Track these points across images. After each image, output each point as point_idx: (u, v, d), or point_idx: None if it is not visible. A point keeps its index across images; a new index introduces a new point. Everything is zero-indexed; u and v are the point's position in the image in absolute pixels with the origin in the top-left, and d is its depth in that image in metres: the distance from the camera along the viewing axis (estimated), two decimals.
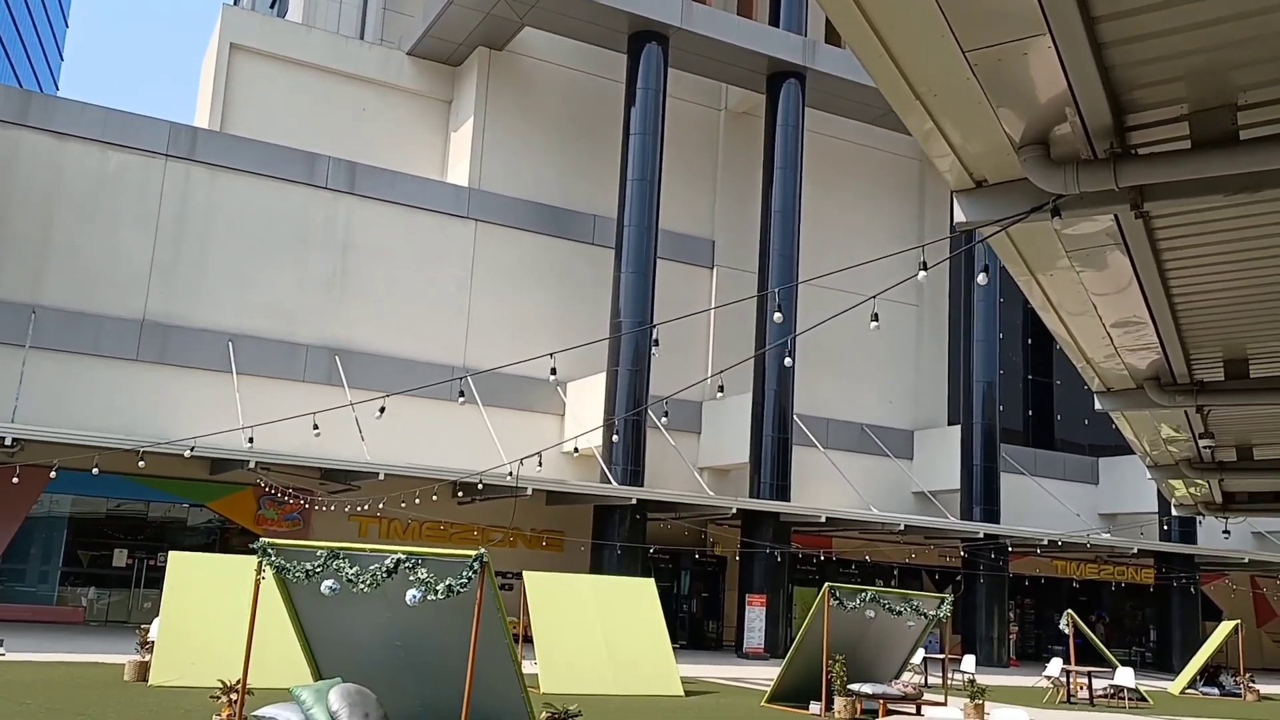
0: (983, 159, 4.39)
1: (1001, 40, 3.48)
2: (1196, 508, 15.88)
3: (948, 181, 4.60)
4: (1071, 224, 4.80)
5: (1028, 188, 4.48)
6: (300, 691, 9.46)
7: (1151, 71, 3.99)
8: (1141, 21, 3.65)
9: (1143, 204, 4.23)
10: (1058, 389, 39.89)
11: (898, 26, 3.37)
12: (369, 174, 28.65)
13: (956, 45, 3.49)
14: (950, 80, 3.71)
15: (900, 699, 16.33)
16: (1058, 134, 4.20)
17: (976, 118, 4.02)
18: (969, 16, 3.33)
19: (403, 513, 27.28)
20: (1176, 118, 4.24)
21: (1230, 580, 40.45)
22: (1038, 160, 4.21)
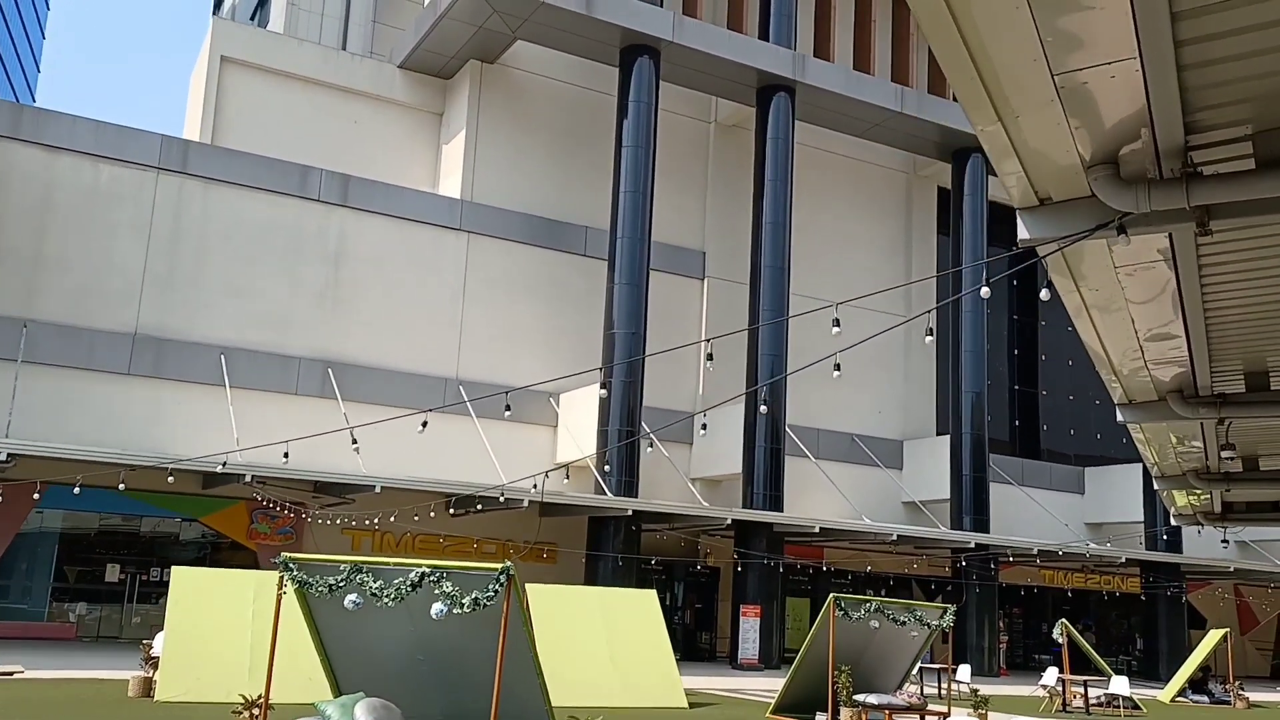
0: (1050, 177, 4.50)
1: (1091, 64, 3.58)
2: (1195, 517, 16.07)
3: (1011, 198, 4.70)
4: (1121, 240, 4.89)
5: (1091, 205, 4.58)
6: (325, 706, 9.44)
7: (1220, 94, 4.10)
8: (1219, 46, 3.76)
9: (1208, 222, 4.34)
10: (1043, 399, 40.26)
11: (994, 52, 3.46)
12: (362, 186, 28.63)
13: (1047, 69, 3.59)
14: (1034, 102, 3.81)
15: (905, 709, 16.41)
16: (1126, 154, 4.31)
17: (1053, 138, 4.12)
18: (1066, 42, 3.42)
19: (396, 526, 27.19)
20: (1241, 138, 4.36)
21: (1216, 589, 40.85)
22: (1108, 179, 4.32)
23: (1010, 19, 3.29)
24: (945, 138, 34.47)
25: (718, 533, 29.97)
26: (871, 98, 32.53)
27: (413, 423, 27.38)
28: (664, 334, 31.20)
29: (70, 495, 21.36)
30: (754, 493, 28.85)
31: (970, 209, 34.44)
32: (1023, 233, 4.73)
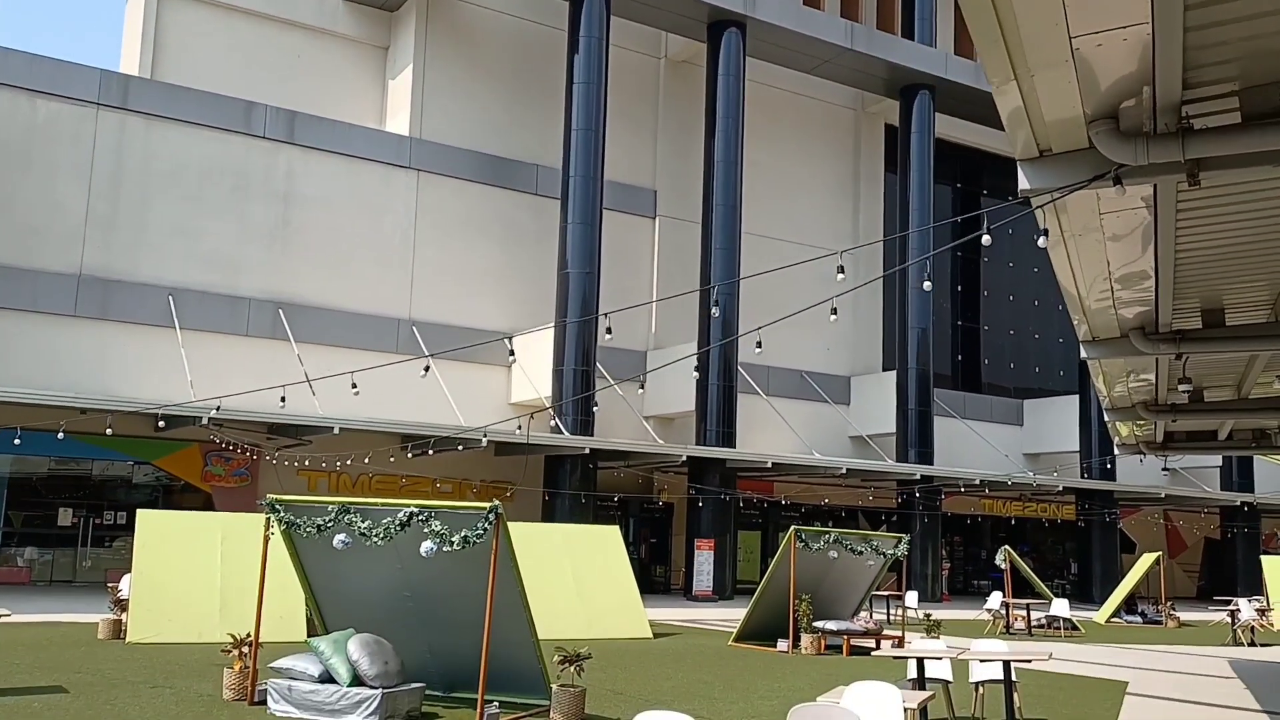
0: (1053, 131, 4.74)
1: (1107, 27, 3.80)
2: (1139, 447, 16.79)
3: (1014, 149, 4.94)
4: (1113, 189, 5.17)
5: (1089, 157, 4.84)
6: (318, 643, 9.64)
7: (1214, 54, 4.36)
8: (1218, 11, 4.01)
9: (1198, 174, 4.63)
10: (985, 334, 41.19)
11: (1021, 16, 3.66)
12: (308, 123, 28.12)
13: (1066, 32, 3.81)
14: (1050, 62, 4.03)
15: (863, 634, 17.09)
16: (1125, 109, 4.56)
17: (1062, 95, 4.35)
18: (1089, 8, 3.64)
19: (353, 467, 27.23)
20: (1229, 93, 4.64)
21: (1147, 515, 42.55)
22: (1109, 133, 4.57)
23: None
24: (893, 74, 34.67)
25: (672, 469, 30.47)
26: (822, 33, 32.55)
27: (363, 364, 27.32)
28: (616, 273, 31.32)
29: (15, 440, 21.07)
30: (707, 430, 29.32)
31: (918, 146, 34.81)
32: (1023, 183, 4.98)
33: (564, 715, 9.79)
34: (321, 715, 9.42)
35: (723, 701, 11.34)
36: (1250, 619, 21.66)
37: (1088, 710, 11.56)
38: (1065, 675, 14.82)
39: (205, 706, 9.78)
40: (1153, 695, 13.10)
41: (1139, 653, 19.02)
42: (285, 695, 9.63)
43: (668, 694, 11.75)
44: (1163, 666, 16.67)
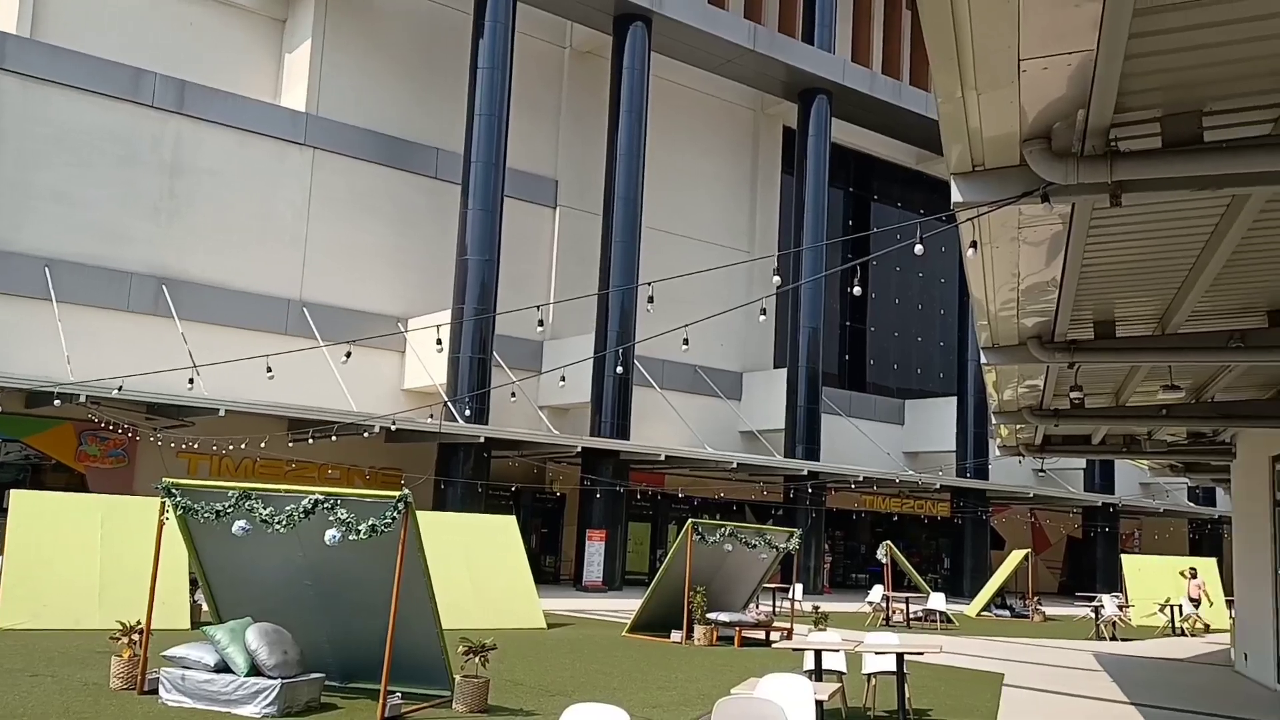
0: (988, 147, 4.95)
1: (1056, 52, 4.00)
2: (1018, 449, 17.53)
3: (948, 164, 5.14)
4: (1039, 205, 5.43)
5: (1019, 173, 5.07)
6: (214, 631, 9.38)
7: (1142, 82, 4.63)
8: (1153, 42, 4.26)
9: (1120, 195, 4.90)
10: (871, 335, 42.34)
11: (978, 38, 3.82)
12: (200, 94, 27.13)
13: (1017, 54, 3.99)
14: (998, 81, 4.21)
15: (754, 626, 17.43)
16: (1057, 129, 4.80)
17: (1003, 114, 4.55)
18: (1042, 33, 3.82)
19: (237, 451, 26.42)
20: (1152, 119, 4.92)
21: (1015, 513, 44.42)
22: (1041, 152, 4.80)
23: (1001, 11, 3.66)
24: (793, 77, 35.29)
25: (566, 460, 30.47)
26: (725, 33, 32.93)
27: (250, 344, 26.57)
28: (515, 261, 31.13)
29: None
30: (602, 421, 29.42)
31: (814, 149, 35.53)
32: (956, 195, 5.19)
33: (467, 706, 9.74)
34: (216, 705, 9.18)
35: (622, 692, 11.44)
36: (1113, 615, 22.85)
37: (970, 701, 12.05)
38: (945, 667, 15.41)
39: (92, 696, 9.41)
40: (1028, 687, 13.73)
41: (1010, 645, 19.89)
42: (178, 685, 9.34)
43: (567, 684, 11.80)
44: (1034, 659, 17.48)
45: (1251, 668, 16.15)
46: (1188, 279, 7.72)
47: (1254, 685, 15.39)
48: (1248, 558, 16.61)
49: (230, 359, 25.36)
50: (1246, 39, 4.31)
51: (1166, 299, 8.41)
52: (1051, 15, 3.72)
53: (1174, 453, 17.61)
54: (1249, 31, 4.24)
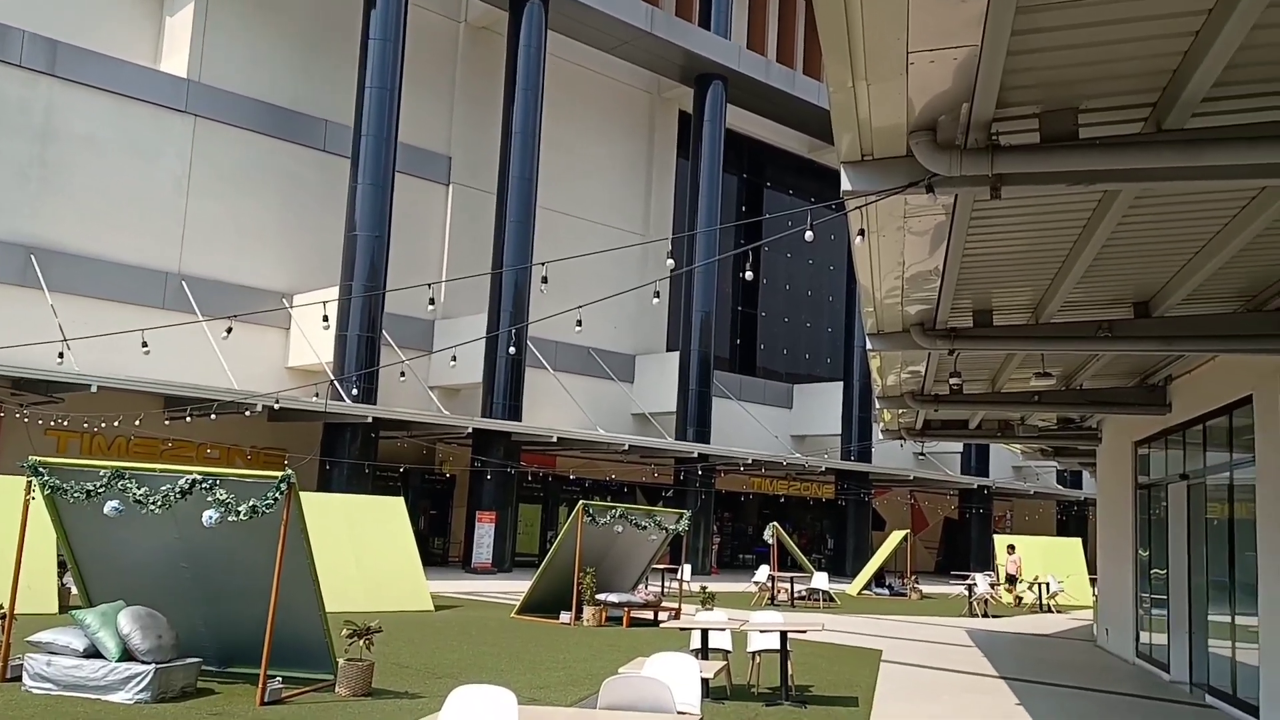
0: (877, 137, 5.05)
1: (942, 46, 4.10)
2: (900, 433, 18.05)
3: (839, 153, 5.23)
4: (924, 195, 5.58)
5: (906, 164, 5.19)
6: (83, 615, 9.01)
7: (1022, 78, 4.79)
8: (1035, 40, 4.41)
9: (1000, 188, 5.07)
10: (762, 320, 42.97)
11: (869, 29, 3.90)
12: (73, 55, 25.84)
13: (905, 47, 4.08)
14: (887, 74, 4.30)
15: (643, 606, 17.58)
16: (942, 122, 4.93)
17: (891, 105, 4.65)
18: (929, 28, 3.91)
19: (110, 429, 25.40)
20: (1031, 115, 5.10)
21: (895, 495, 45.77)
22: (927, 144, 4.93)
23: (890, 5, 3.74)
24: (689, 62, 35.44)
25: (456, 441, 30.17)
26: (623, 14, 32.85)
27: (124, 318, 25.57)
28: (406, 238, 30.61)
29: None
30: (494, 402, 29.19)
31: (709, 134, 35.79)
32: (845, 184, 5.29)
33: (349, 689, 9.59)
34: (85, 692, 8.83)
35: (510, 673, 11.42)
36: (984, 593, 23.77)
37: (850, 676, 12.40)
38: (827, 644, 15.81)
39: None
40: (905, 662, 14.19)
41: (889, 623, 20.51)
42: (43, 671, 8.95)
43: (454, 666, 11.72)
44: (910, 636, 18.06)
45: (1112, 642, 17.01)
46: (1061, 270, 8.04)
47: (1114, 659, 16.21)
48: (1110, 538, 17.47)
49: (103, 333, 24.37)
50: (1120, 40, 4.50)
51: (1041, 289, 8.75)
52: (938, 11, 3.81)
53: (1045, 437, 18.37)
54: (1123, 33, 4.42)
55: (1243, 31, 4.15)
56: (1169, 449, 14.04)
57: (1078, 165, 4.97)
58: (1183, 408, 12.97)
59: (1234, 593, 11.13)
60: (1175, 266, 7.94)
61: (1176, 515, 13.59)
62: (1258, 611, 10.13)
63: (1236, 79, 4.82)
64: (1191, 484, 13.02)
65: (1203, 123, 5.12)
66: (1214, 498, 12.15)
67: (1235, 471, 11.18)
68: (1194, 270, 7.74)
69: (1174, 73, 4.67)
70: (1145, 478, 15.31)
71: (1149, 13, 4.14)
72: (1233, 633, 11.16)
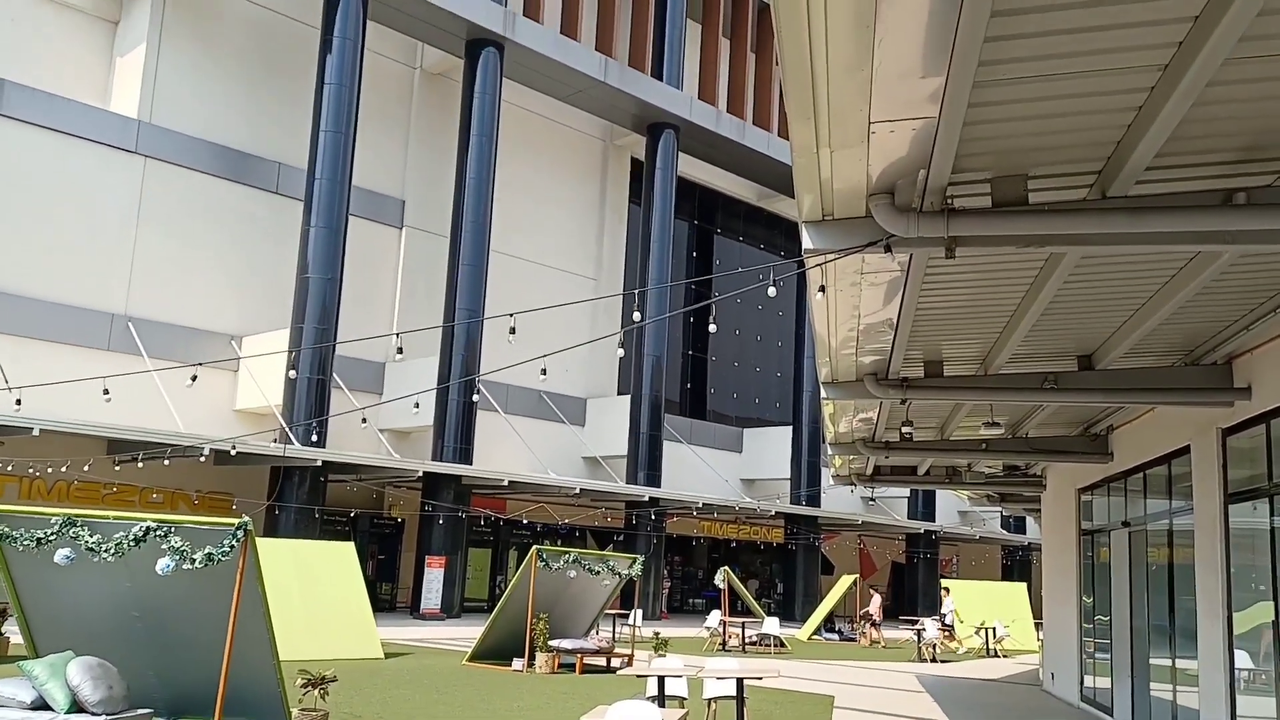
0: (838, 199, 5.26)
1: (902, 118, 4.32)
2: (850, 478, 18.29)
3: (800, 212, 5.43)
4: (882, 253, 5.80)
5: (865, 224, 5.41)
6: (31, 666, 8.81)
7: (976, 147, 5.04)
8: (987, 112, 4.65)
9: (955, 248, 5.30)
10: (712, 364, 43.29)
11: (834, 101, 4.10)
12: (19, 93, 25.59)
13: (867, 118, 4.29)
14: (849, 141, 4.51)
15: (595, 652, 17.52)
16: (900, 185, 5.16)
17: (852, 170, 4.86)
18: (891, 100, 4.13)
19: (51, 473, 24.86)
20: (983, 180, 5.35)
21: (844, 539, 46.09)
22: (886, 206, 5.15)
23: (854, 80, 3.95)
24: (642, 111, 35.95)
25: (406, 484, 29.93)
26: (577, 64, 33.30)
27: (66, 360, 25.14)
28: (359, 281, 30.54)
29: None
30: (444, 445, 29.05)
31: (661, 181, 36.24)
32: (807, 243, 5.49)
33: None
34: None
35: None
36: (933, 637, 23.99)
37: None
38: (780, 690, 15.87)
39: None
40: (856, 709, 14.30)
41: (839, 668, 20.63)
42: None
43: (407, 716, 11.61)
44: (861, 681, 18.19)
45: (1058, 686, 17.27)
46: (1009, 325, 8.33)
47: (1059, 702, 16.46)
48: (1055, 583, 17.79)
49: (47, 375, 23.96)
50: (1068, 113, 4.76)
51: (989, 342, 9.03)
52: (899, 86, 4.03)
53: (991, 484, 18.72)
54: (1070, 107, 4.69)
55: (1184, 108, 4.42)
56: (1111, 496, 14.41)
57: (1027, 229, 5.22)
58: (1124, 456, 13.34)
59: (1174, 637, 11.43)
60: (1117, 322, 8.26)
61: (1118, 561, 13.93)
62: (1197, 656, 10.42)
63: (1177, 150, 5.11)
64: (1133, 530, 13.37)
65: (1145, 189, 5.41)
66: (1154, 544, 12.49)
67: (1174, 519, 11.52)
68: (1135, 326, 8.06)
69: (1118, 144, 4.94)
70: (1089, 524, 15.67)
71: (1095, 89, 4.40)
72: (1174, 676, 11.44)
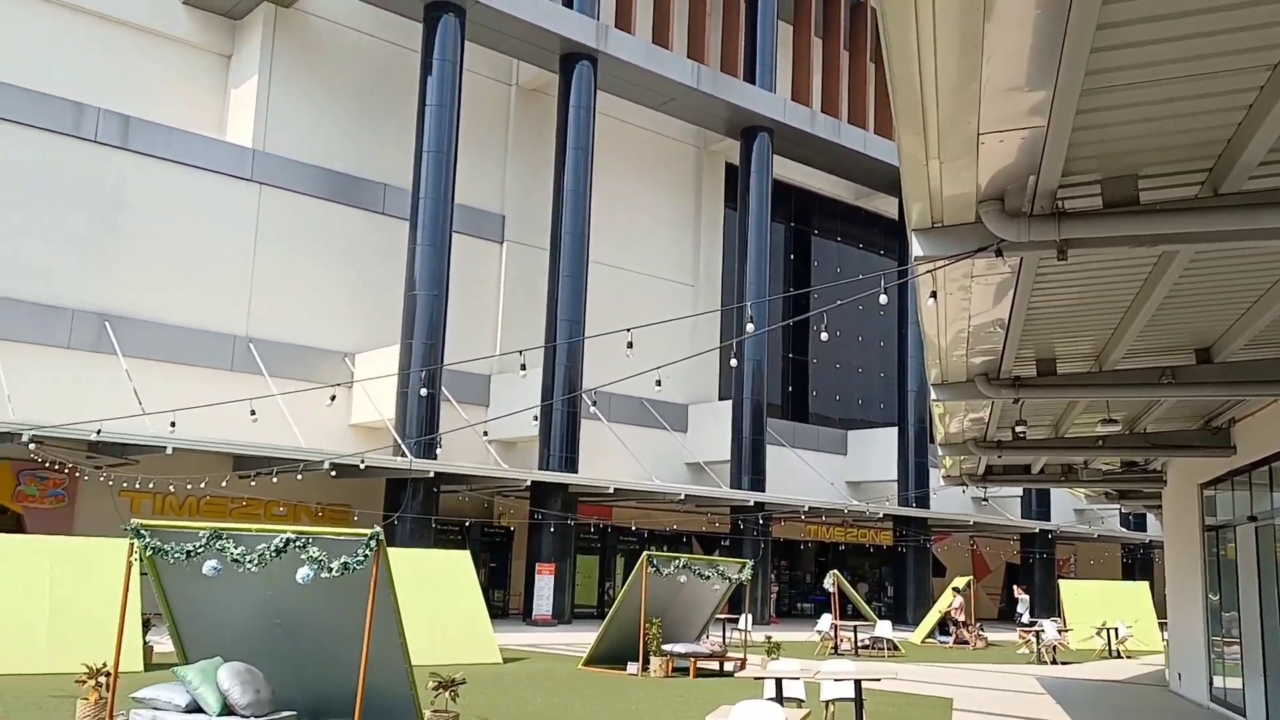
0: (947, 206, 5.37)
1: (1010, 128, 4.43)
2: (961, 478, 18.11)
3: (909, 220, 5.56)
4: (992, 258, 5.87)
5: (976, 230, 5.50)
6: (185, 671, 9.42)
7: (1085, 150, 5.09)
8: (1095, 117, 4.72)
9: (1067, 250, 5.36)
10: (813, 366, 43.08)
11: (943, 113, 4.23)
12: (144, 129, 26.99)
13: (976, 129, 4.41)
14: (958, 151, 4.63)
15: (709, 656, 17.70)
16: (1009, 191, 5.24)
17: (961, 179, 4.98)
18: (999, 113, 4.25)
19: (182, 488, 26.12)
20: (1093, 182, 5.39)
21: (956, 541, 45.30)
22: (996, 212, 5.24)
23: (962, 95, 4.08)
24: (735, 115, 36.06)
25: (514, 493, 30.55)
26: (670, 72, 33.59)
27: (193, 380, 26.38)
28: (463, 296, 31.31)
29: None
30: (550, 454, 29.57)
31: (756, 185, 36.28)
32: (917, 250, 5.61)
33: None
34: None
35: None
36: (1053, 639, 23.51)
37: None
38: (896, 693, 15.81)
39: None
40: (976, 711, 14.17)
41: (955, 671, 20.38)
42: None
43: (531, 718, 11.96)
44: (979, 684, 17.96)
45: (1185, 686, 16.81)
46: (1123, 320, 8.25)
47: (1187, 703, 16.02)
48: (1179, 581, 17.32)
49: (176, 396, 25.17)
50: (1177, 115, 4.79)
51: (1104, 339, 8.95)
52: (1006, 100, 4.14)
53: (1109, 481, 18.31)
54: (1179, 109, 4.72)
55: None
56: (1235, 490, 14.00)
57: (1139, 229, 5.25)
58: (1248, 449, 12.98)
59: None
60: (1235, 314, 8.13)
61: (1245, 557, 13.53)
62: None
63: None
64: (1260, 525, 12.99)
65: (1259, 184, 5.38)
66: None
67: None
68: (1253, 319, 7.92)
69: (1229, 142, 4.95)
70: (1213, 519, 15.24)
71: (1204, 90, 4.44)
72: None
